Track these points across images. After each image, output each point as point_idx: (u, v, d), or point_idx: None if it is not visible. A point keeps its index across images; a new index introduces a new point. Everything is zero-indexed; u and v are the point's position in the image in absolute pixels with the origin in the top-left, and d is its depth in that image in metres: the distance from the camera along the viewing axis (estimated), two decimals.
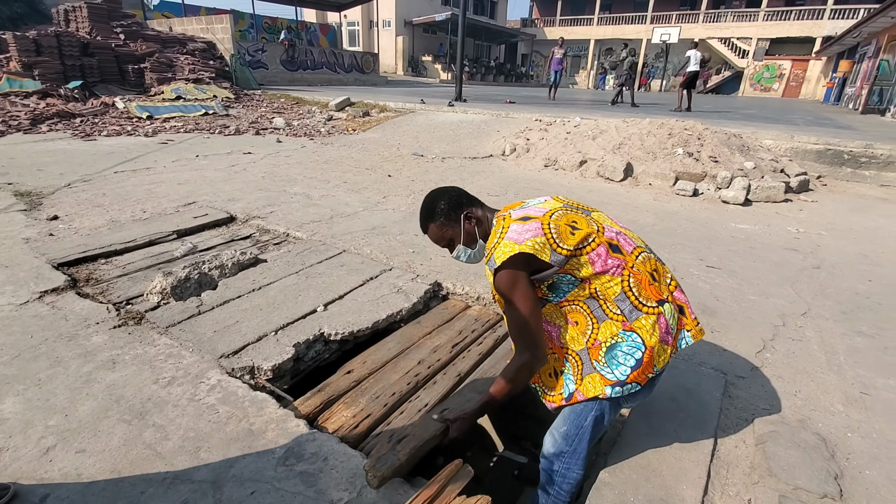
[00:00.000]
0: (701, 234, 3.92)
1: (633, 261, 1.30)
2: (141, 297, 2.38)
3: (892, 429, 1.73)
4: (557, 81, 13.89)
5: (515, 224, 1.28)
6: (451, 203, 1.42)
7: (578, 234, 1.26)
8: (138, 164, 5.24)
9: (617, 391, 1.27)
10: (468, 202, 1.45)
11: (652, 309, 1.27)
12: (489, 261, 1.28)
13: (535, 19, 36.47)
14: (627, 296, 1.26)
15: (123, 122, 7.87)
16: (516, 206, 1.41)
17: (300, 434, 1.54)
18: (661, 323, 1.27)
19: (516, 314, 1.27)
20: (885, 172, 6.25)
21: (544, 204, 1.37)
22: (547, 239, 1.24)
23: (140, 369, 1.82)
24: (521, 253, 1.21)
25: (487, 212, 1.46)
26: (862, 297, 2.86)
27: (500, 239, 1.27)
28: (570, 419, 1.37)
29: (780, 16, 27.47)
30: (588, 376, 1.30)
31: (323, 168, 5.61)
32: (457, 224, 1.42)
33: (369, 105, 10.51)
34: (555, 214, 1.30)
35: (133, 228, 3.28)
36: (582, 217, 1.33)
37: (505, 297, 1.28)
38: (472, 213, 1.42)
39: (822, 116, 12.50)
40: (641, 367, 1.25)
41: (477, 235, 1.43)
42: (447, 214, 1.42)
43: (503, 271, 1.24)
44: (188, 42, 12.44)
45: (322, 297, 2.44)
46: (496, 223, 1.36)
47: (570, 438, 1.37)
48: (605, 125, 6.91)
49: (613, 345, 1.27)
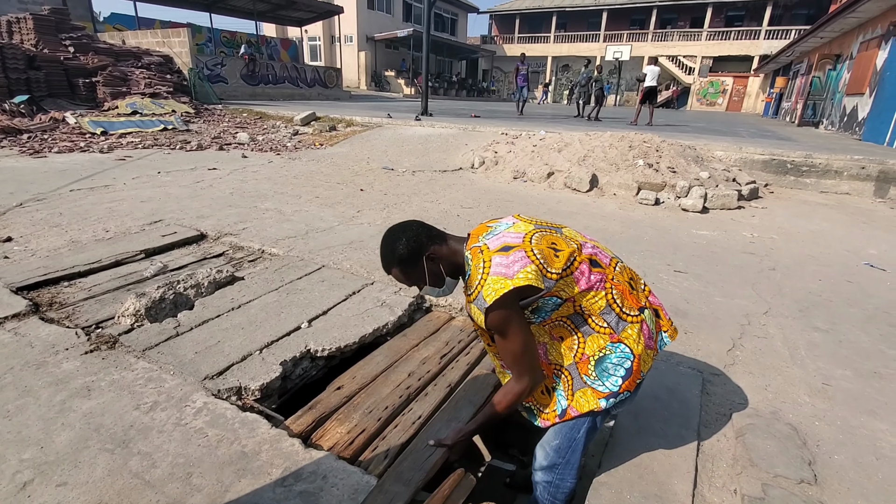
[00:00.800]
0: (666, 240, 4.11)
1: (612, 272, 1.32)
2: (111, 319, 2.28)
3: (853, 415, 1.87)
4: (525, 97, 14.28)
5: (498, 257, 1.22)
6: (411, 246, 1.31)
7: (562, 255, 1.26)
8: (96, 182, 5.00)
9: (611, 402, 1.29)
10: (429, 240, 1.34)
11: (635, 317, 1.30)
12: (476, 299, 1.22)
13: (495, 36, 37.48)
14: (612, 308, 1.28)
15: (76, 137, 7.50)
16: (484, 232, 1.35)
17: (296, 453, 1.51)
18: (644, 330, 1.31)
19: (513, 347, 1.25)
20: (824, 180, 6.76)
21: (515, 228, 1.32)
22: (537, 266, 1.21)
23: (118, 395, 1.74)
24: (514, 289, 1.18)
25: (454, 243, 1.37)
26: (815, 295, 3.08)
27: (486, 275, 1.21)
28: (563, 433, 1.38)
29: (720, 36, 29.40)
30: (579, 391, 1.32)
31: (293, 183, 5.53)
32: (419, 266, 1.33)
33: (336, 119, 10.47)
34: (533, 238, 1.27)
35: (96, 249, 3.13)
36: (558, 237, 1.32)
37: (499, 333, 1.25)
38: (434, 254, 1.33)
39: (764, 129, 13.40)
40: (632, 375, 1.28)
41: (444, 274, 1.36)
42: (409, 259, 1.32)
43: (496, 311, 1.20)
44: (143, 55, 12.04)
45: (305, 314, 2.40)
46: (472, 257, 1.28)
47: (562, 451, 1.38)
48: (569, 138, 7.16)
49: (602, 357, 1.29)
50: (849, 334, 2.56)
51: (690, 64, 30.48)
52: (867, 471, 1.58)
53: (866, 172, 6.56)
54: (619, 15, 32.36)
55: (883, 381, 2.13)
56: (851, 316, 2.79)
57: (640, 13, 31.97)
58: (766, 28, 28.17)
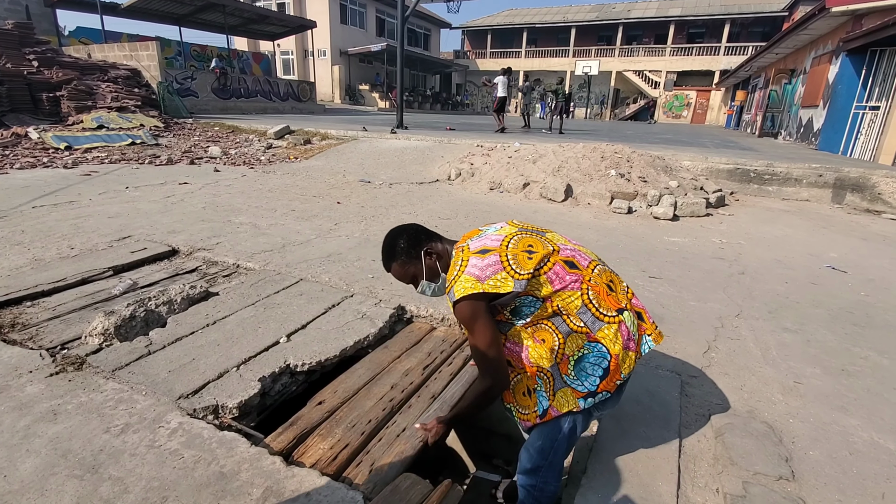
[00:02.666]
0: (640, 247, 4.21)
1: (589, 274, 1.36)
2: (78, 339, 2.18)
3: (825, 412, 1.94)
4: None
5: (474, 258, 1.32)
6: (411, 241, 1.45)
7: (535, 256, 1.31)
8: (60, 198, 4.82)
9: (589, 402, 1.32)
10: (427, 238, 1.48)
11: (612, 318, 1.33)
12: (449, 292, 1.33)
13: (467, 51, 38.11)
14: (588, 308, 1.31)
15: (39, 153, 7.22)
16: (474, 235, 1.45)
17: (277, 471, 1.46)
18: (622, 331, 1.33)
19: (477, 343, 1.32)
20: (785, 187, 7.07)
21: (500, 231, 1.41)
22: (507, 272, 1.29)
23: (87, 419, 1.66)
24: (482, 293, 1.27)
25: (447, 244, 1.49)
26: (782, 297, 3.20)
27: (461, 272, 1.31)
28: (545, 434, 1.39)
29: (683, 52, 30.67)
30: (560, 391, 1.34)
31: (268, 197, 5.45)
32: (418, 261, 1.45)
33: (310, 133, 10.40)
34: (511, 242, 1.34)
35: (61, 267, 3.00)
36: (537, 239, 1.38)
37: (466, 326, 1.33)
38: (432, 249, 1.46)
39: (727, 140, 13.96)
40: (609, 375, 1.30)
41: (439, 269, 1.46)
42: (408, 252, 1.45)
43: (462, 303, 1.29)
44: (110, 69, 11.74)
45: (284, 328, 2.35)
46: (455, 255, 1.39)
47: (545, 452, 1.40)
48: (543, 150, 7.30)
49: (580, 357, 1.31)
50: (816, 334, 2.66)
51: (656, 78, 31.63)
52: (842, 465, 1.64)
53: (824, 180, 6.89)
54: (587, 31, 33.40)
55: (851, 378, 2.21)
56: (818, 316, 2.91)
57: (607, 30, 33.08)
58: (725, 44, 29.54)
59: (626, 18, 31.78)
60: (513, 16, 36.56)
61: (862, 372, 2.27)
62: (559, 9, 35.70)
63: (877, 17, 9.88)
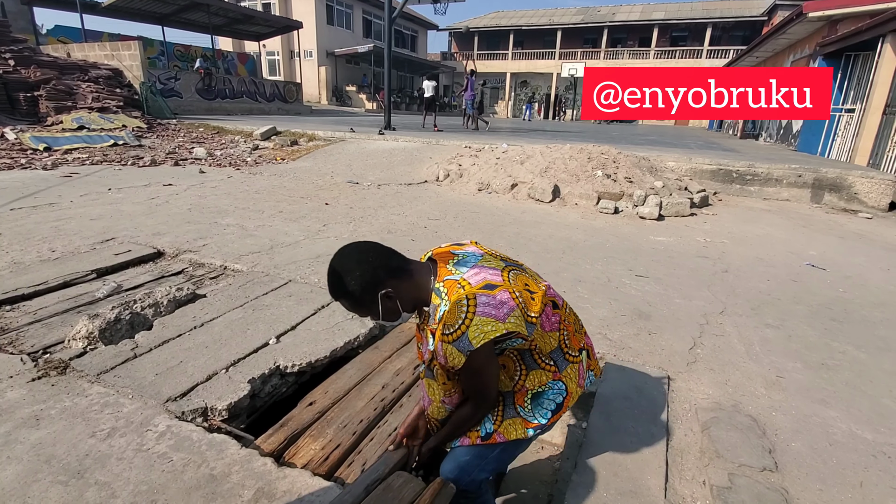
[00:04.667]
0: (626, 247, 4.27)
1: (565, 314, 1.31)
2: (61, 343, 2.14)
3: (806, 405, 1.99)
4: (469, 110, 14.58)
5: (483, 296, 1.11)
6: (365, 281, 1.15)
7: (536, 297, 1.20)
8: (39, 200, 4.71)
9: (538, 432, 1.28)
10: (388, 274, 1.17)
11: (575, 358, 1.32)
12: (457, 340, 1.09)
13: (454, 53, 38.19)
14: (561, 348, 1.28)
15: (16, 154, 7.05)
16: (451, 260, 1.23)
17: (269, 472, 1.46)
18: (580, 370, 1.33)
19: (484, 383, 1.21)
20: (766, 188, 7.22)
21: (487, 261, 1.22)
22: (521, 312, 1.14)
23: (71, 423, 1.63)
24: (505, 333, 1.10)
25: (419, 276, 1.21)
26: (764, 294, 3.27)
27: (471, 314, 1.09)
28: (478, 452, 1.32)
29: (666, 55, 31.14)
30: (509, 420, 1.28)
31: (255, 198, 5.40)
32: (373, 303, 1.18)
33: (297, 134, 10.32)
34: (511, 278, 1.18)
35: (42, 270, 2.94)
36: (526, 277, 1.25)
37: (474, 373, 1.18)
38: (392, 292, 1.17)
39: (710, 141, 14.21)
40: (562, 409, 1.29)
41: (400, 311, 1.22)
42: (360, 296, 1.16)
43: (480, 353, 1.10)
44: (90, 69, 11.51)
45: (273, 329, 2.33)
46: (448, 291, 1.14)
47: (471, 469, 1.33)
48: (530, 150, 7.35)
49: (540, 392, 1.27)
50: (797, 329, 2.72)
51: None
52: (822, 456, 1.68)
53: (803, 180, 7.06)
54: (572, 34, 33.72)
55: (830, 372, 2.27)
56: (798, 312, 2.98)
57: (593, 33, 33.44)
58: (707, 47, 30.07)
59: (611, 22, 32.16)
60: (499, 18, 36.74)
61: (840, 366, 2.33)
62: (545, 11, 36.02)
63: (851, 22, 10.16)
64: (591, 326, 2.60)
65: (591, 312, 2.79)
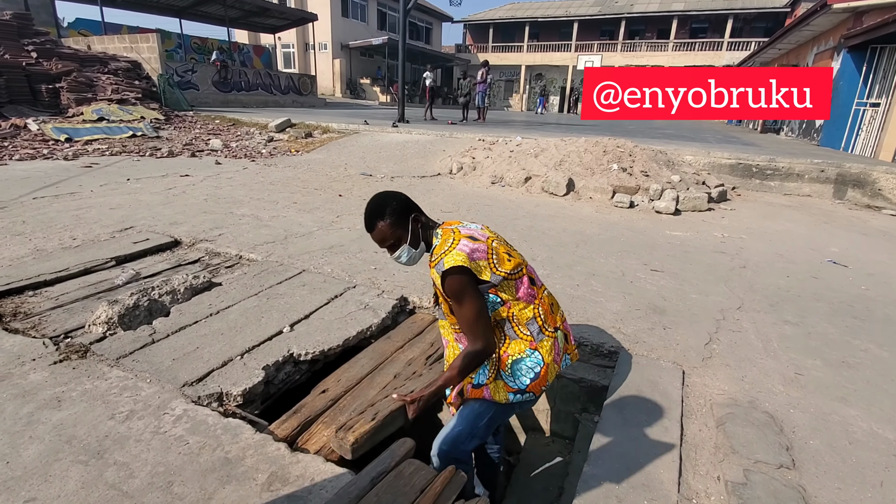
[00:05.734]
0: (641, 241, 4.21)
1: (541, 294, 1.56)
2: (82, 328, 2.18)
3: (825, 402, 1.95)
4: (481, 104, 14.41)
5: (465, 240, 1.43)
6: (402, 205, 1.49)
7: (513, 261, 1.49)
8: (61, 189, 4.81)
9: (518, 398, 1.49)
10: (416, 207, 1.54)
11: (551, 333, 1.52)
12: (437, 264, 1.40)
13: (469, 45, 37.90)
14: (537, 321, 1.49)
15: (38, 145, 7.21)
16: (456, 224, 1.55)
17: (282, 457, 1.48)
18: (555, 346, 1.53)
19: (467, 312, 1.40)
20: (787, 183, 7.06)
21: (483, 230, 1.54)
22: (489, 262, 1.43)
23: (91, 405, 1.66)
24: (467, 267, 1.37)
25: (427, 219, 1.56)
26: (783, 290, 3.20)
27: (452, 247, 1.41)
28: (468, 419, 1.55)
29: (686, 47, 30.49)
30: (497, 382, 1.50)
31: (269, 189, 5.44)
32: (406, 224, 1.49)
33: (311, 126, 10.36)
34: (494, 242, 1.50)
35: (63, 257, 3.00)
36: (513, 250, 1.56)
37: (455, 298, 1.40)
38: (419, 218, 1.52)
39: (729, 135, 13.92)
40: (539, 379, 1.47)
41: (421, 238, 1.52)
42: (398, 215, 1.48)
43: (453, 276, 1.37)
44: (110, 61, 11.68)
45: (287, 318, 2.36)
46: (443, 234, 1.49)
47: (462, 439, 1.55)
48: (545, 144, 7.28)
49: (519, 359, 1.47)
50: (817, 326, 2.66)
51: None
52: (841, 454, 1.65)
53: (825, 175, 6.88)
54: (589, 26, 33.18)
55: (851, 370, 2.22)
56: (819, 309, 2.91)
57: (610, 24, 32.86)
58: (727, 40, 29.35)
59: (629, 13, 31.55)
60: (515, 9, 36.30)
61: (862, 364, 2.28)
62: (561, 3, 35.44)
63: (877, 14, 9.81)
64: (604, 320, 2.58)
65: (605, 306, 2.76)
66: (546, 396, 2.38)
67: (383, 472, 1.35)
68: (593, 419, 1.87)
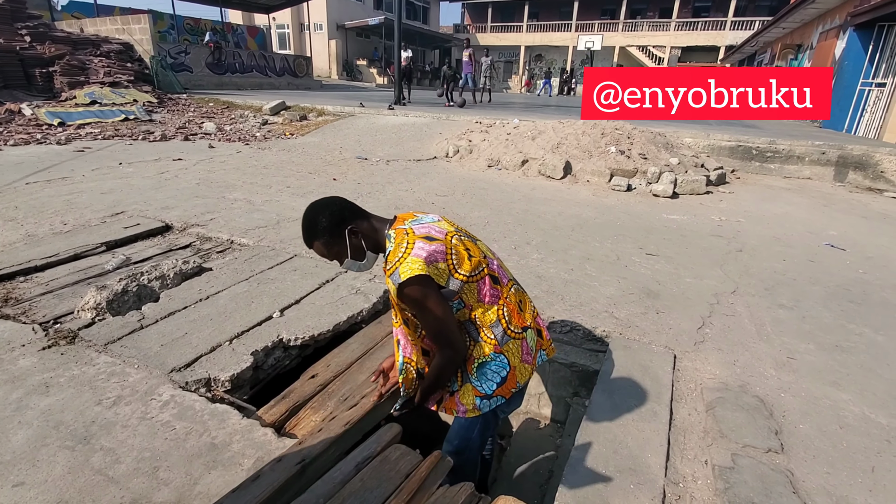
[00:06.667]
0: (638, 225, 4.18)
1: (507, 292, 1.44)
2: (71, 314, 2.17)
3: (817, 387, 1.94)
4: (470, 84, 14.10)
5: (421, 241, 1.29)
6: (333, 219, 1.36)
7: (473, 261, 1.36)
8: (53, 174, 4.76)
9: (485, 403, 1.42)
10: (351, 216, 1.39)
11: (518, 335, 1.43)
12: (392, 274, 1.27)
13: (467, 25, 37.21)
14: (501, 323, 1.39)
15: (32, 129, 7.12)
16: (410, 219, 1.41)
17: (269, 442, 1.47)
18: (523, 346, 1.44)
19: (431, 320, 1.31)
20: (787, 165, 6.99)
21: (440, 224, 1.41)
22: (448, 265, 1.31)
23: (79, 391, 1.66)
24: (425, 275, 1.25)
25: (376, 222, 1.42)
26: (779, 274, 3.18)
27: (406, 254, 1.27)
28: (460, 434, 1.53)
29: (688, 26, 29.92)
30: (465, 385, 1.43)
31: (263, 173, 5.39)
32: (341, 239, 1.37)
33: (307, 109, 10.23)
34: (454, 238, 1.36)
35: (54, 242, 2.98)
36: (473, 245, 1.41)
37: (417, 308, 1.31)
38: (356, 228, 1.38)
39: None
40: (505, 383, 1.41)
41: (364, 248, 1.40)
42: (330, 231, 1.36)
43: (412, 286, 1.25)
44: (102, 43, 11.48)
45: (277, 303, 2.34)
46: (396, 236, 1.34)
47: (461, 452, 1.54)
48: (542, 126, 7.18)
49: (484, 363, 1.40)
50: (812, 311, 2.65)
51: (660, 54, 30.97)
52: (832, 439, 1.65)
53: (826, 158, 6.81)
54: (590, 5, 32.50)
55: (845, 354, 2.21)
56: (814, 293, 2.90)
57: (611, 3, 32.19)
58: (731, 19, 28.79)
59: None
60: None
61: (856, 348, 2.27)
62: None
63: None
64: (597, 304, 2.56)
65: (599, 290, 2.74)
66: (539, 380, 2.38)
67: (368, 457, 1.35)
68: (584, 403, 1.87)
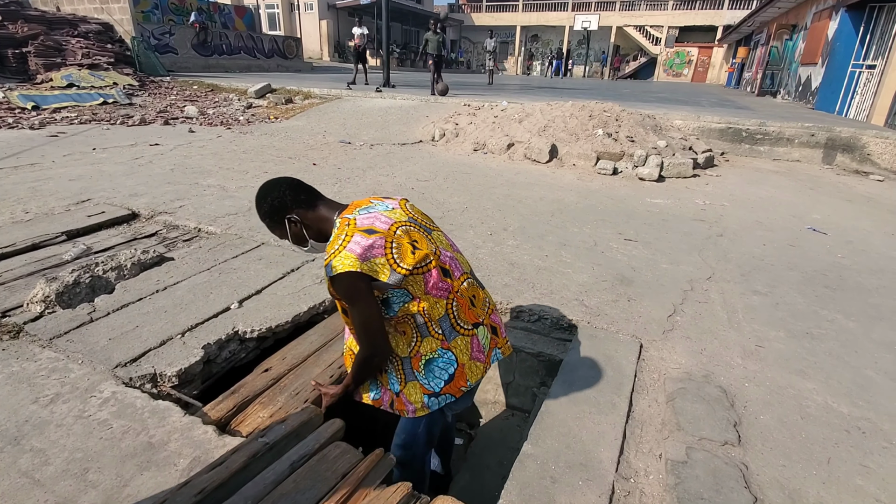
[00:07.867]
0: (619, 209, 4.11)
1: (458, 286, 1.37)
2: (20, 307, 2.10)
3: (782, 376, 1.91)
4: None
5: (359, 235, 1.23)
6: (277, 205, 1.33)
7: (418, 253, 1.27)
8: (21, 160, 4.63)
9: (433, 401, 1.36)
10: (294, 203, 1.34)
11: (467, 331, 1.37)
12: (326, 266, 1.23)
13: (462, 5, 36.46)
14: (449, 318, 1.34)
15: (3, 113, 6.91)
16: (362, 206, 1.35)
17: (208, 441, 1.42)
18: (473, 343, 1.38)
19: (356, 317, 1.28)
20: (777, 147, 6.91)
21: (391, 213, 1.33)
22: (387, 259, 1.23)
23: (15, 389, 1.60)
24: (355, 272, 1.19)
25: (324, 209, 1.37)
26: (758, 259, 3.14)
27: (342, 247, 1.22)
28: (408, 429, 1.51)
29: (686, 5, 29.42)
30: (410, 383, 1.37)
31: (241, 158, 5.26)
32: (282, 226, 1.36)
33: (293, 91, 10.01)
34: (399, 230, 1.28)
35: (12, 231, 2.88)
36: (423, 237, 1.34)
37: (346, 300, 1.27)
38: (296, 217, 1.34)
39: (725, 99, 13.60)
40: (454, 380, 1.35)
41: (305, 237, 1.37)
42: (271, 216, 1.36)
43: (341, 282, 1.21)
44: (80, 23, 11.12)
45: (237, 294, 2.27)
46: (339, 226, 1.28)
47: (407, 447, 1.52)
48: (530, 108, 7.05)
49: (431, 359, 1.34)
50: (786, 297, 2.61)
51: (657, 34, 30.51)
52: (791, 430, 1.61)
53: (815, 140, 6.73)
54: None
55: (814, 342, 2.18)
56: (790, 279, 2.85)
57: None
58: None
59: None
60: None
61: (826, 335, 2.23)
62: None
63: None
64: (568, 292, 2.51)
65: (571, 277, 2.69)
66: (506, 370, 2.34)
67: (306, 455, 1.30)
68: (539, 394, 1.83)
